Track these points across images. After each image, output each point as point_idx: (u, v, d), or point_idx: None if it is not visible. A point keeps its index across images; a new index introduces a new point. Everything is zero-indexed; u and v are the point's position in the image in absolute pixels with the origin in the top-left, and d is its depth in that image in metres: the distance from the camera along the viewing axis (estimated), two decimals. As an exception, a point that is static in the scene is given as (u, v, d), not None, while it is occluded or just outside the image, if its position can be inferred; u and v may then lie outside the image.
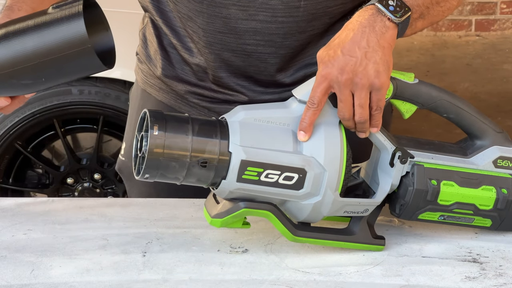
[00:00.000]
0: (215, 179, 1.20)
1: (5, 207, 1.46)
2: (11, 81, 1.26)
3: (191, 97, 1.56)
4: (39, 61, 1.24)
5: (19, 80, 1.26)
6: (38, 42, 1.23)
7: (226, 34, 1.46)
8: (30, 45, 1.23)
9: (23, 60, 1.24)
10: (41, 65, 1.24)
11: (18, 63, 1.24)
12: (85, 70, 1.28)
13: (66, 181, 3.18)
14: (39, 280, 1.20)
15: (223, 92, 1.54)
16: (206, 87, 1.54)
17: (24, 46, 1.24)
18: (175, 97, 1.59)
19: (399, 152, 1.26)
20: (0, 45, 1.25)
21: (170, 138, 1.18)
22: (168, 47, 1.56)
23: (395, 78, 1.27)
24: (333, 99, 1.23)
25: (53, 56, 1.24)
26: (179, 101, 1.58)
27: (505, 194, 1.29)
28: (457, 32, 6.11)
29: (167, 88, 1.59)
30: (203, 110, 1.56)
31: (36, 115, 3.02)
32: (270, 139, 1.21)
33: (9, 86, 1.27)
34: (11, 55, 1.24)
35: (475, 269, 1.24)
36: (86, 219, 1.40)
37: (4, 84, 1.27)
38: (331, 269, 1.24)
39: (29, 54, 1.24)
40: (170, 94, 1.59)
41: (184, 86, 1.56)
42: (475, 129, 1.32)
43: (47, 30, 1.23)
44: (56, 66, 1.25)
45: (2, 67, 1.25)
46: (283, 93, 1.52)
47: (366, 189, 1.31)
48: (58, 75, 1.28)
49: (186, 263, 1.25)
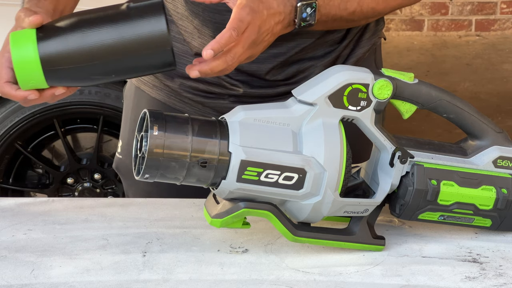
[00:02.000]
0: (215, 179, 1.21)
1: (5, 207, 1.46)
2: (79, 74, 1.24)
3: (185, 92, 1.57)
4: (115, 58, 1.22)
5: (88, 74, 1.24)
6: (117, 38, 1.21)
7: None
8: (108, 40, 1.21)
9: (98, 55, 1.22)
10: (116, 62, 1.23)
11: (92, 57, 1.22)
12: (156, 69, 1.28)
13: (66, 181, 3.18)
14: (39, 280, 1.21)
15: (218, 84, 1.54)
16: (201, 80, 1.54)
17: (102, 40, 1.21)
18: (168, 94, 1.59)
19: (399, 152, 1.26)
20: (74, 36, 1.22)
21: (170, 138, 1.18)
22: None
23: (395, 78, 1.27)
24: (334, 99, 1.23)
25: (131, 54, 1.22)
26: (173, 97, 1.59)
27: (505, 194, 1.30)
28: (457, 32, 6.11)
29: (161, 85, 1.59)
30: (197, 105, 1.57)
31: (36, 115, 3.02)
32: (270, 139, 1.21)
33: (76, 78, 1.25)
34: (85, 49, 1.21)
35: (475, 269, 1.24)
36: (86, 219, 1.40)
37: (72, 76, 1.24)
38: (331, 269, 1.24)
39: (106, 50, 1.22)
40: (164, 91, 1.59)
41: (179, 80, 1.56)
42: (475, 129, 1.32)
43: (127, 26, 1.21)
44: (132, 64, 1.24)
45: (73, 59, 1.22)
46: (278, 88, 1.53)
47: (366, 189, 1.31)
48: (130, 72, 1.27)
49: (186, 263, 1.25)
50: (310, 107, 1.23)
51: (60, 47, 1.21)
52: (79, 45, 1.21)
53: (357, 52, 1.58)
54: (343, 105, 1.24)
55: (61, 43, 1.21)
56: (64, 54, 1.22)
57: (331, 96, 1.23)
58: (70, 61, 1.22)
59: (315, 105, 1.23)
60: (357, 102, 1.24)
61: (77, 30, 1.22)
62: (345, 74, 1.24)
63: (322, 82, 1.24)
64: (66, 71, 1.23)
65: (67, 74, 1.24)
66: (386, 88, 1.25)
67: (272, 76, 1.53)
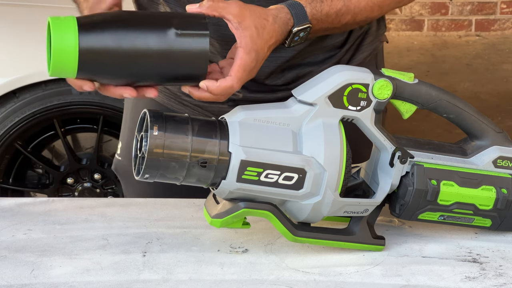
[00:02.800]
0: (215, 179, 1.21)
1: (5, 207, 1.46)
2: (111, 73, 1.23)
3: (184, 95, 1.56)
4: (153, 64, 1.22)
5: (120, 75, 1.23)
6: (161, 46, 1.21)
7: (217, 39, 1.47)
8: (152, 46, 1.21)
9: (137, 58, 1.21)
10: (152, 68, 1.23)
11: (130, 59, 1.21)
12: (185, 81, 1.27)
13: (66, 181, 3.18)
14: (39, 280, 1.21)
15: None
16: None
17: (146, 44, 1.21)
18: (168, 96, 1.59)
19: (399, 152, 1.26)
20: (118, 34, 1.21)
21: (170, 138, 1.18)
22: None
23: (394, 78, 1.27)
24: (334, 99, 1.23)
25: (171, 63, 1.22)
26: (172, 100, 1.58)
27: (505, 194, 1.30)
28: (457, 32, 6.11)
29: (160, 87, 1.59)
30: (196, 108, 1.57)
31: (36, 115, 3.02)
32: (270, 139, 1.21)
33: (107, 77, 1.24)
34: (126, 50, 1.20)
35: (475, 269, 1.25)
36: (86, 219, 1.40)
37: (104, 74, 1.23)
38: (331, 269, 1.24)
39: (146, 55, 1.21)
40: (163, 93, 1.59)
41: None
42: (475, 129, 1.32)
43: (173, 37, 1.22)
44: (167, 74, 1.25)
45: (111, 58, 1.20)
46: (277, 93, 1.53)
47: (366, 189, 1.31)
48: (160, 80, 1.26)
49: (186, 263, 1.25)
50: (310, 107, 1.23)
51: (102, 42, 1.20)
52: (121, 45, 1.20)
53: (357, 57, 1.57)
54: (343, 105, 1.24)
55: (103, 39, 1.20)
56: (105, 50, 1.20)
57: (331, 96, 1.23)
58: (108, 58, 1.21)
59: (315, 105, 1.23)
60: (357, 102, 1.24)
61: (122, 29, 1.21)
62: (345, 74, 1.24)
63: (322, 82, 1.24)
64: (101, 67, 1.22)
65: (101, 71, 1.23)
66: (386, 88, 1.25)
67: (272, 81, 1.52)
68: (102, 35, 1.20)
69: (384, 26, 1.64)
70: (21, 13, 3.17)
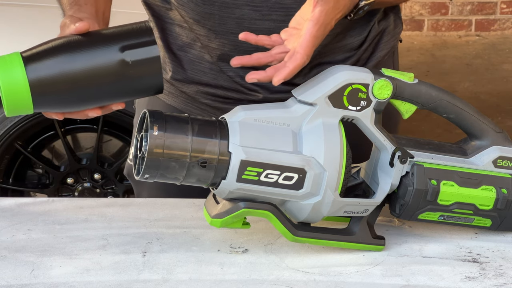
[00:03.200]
0: (215, 179, 1.21)
1: (5, 207, 1.46)
2: (67, 100, 1.21)
3: (202, 98, 1.55)
4: (107, 82, 1.20)
5: (77, 99, 1.21)
6: (109, 62, 1.20)
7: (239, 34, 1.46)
8: (101, 64, 1.19)
9: (89, 79, 1.19)
10: (107, 86, 1.21)
11: (81, 81, 1.19)
12: (144, 94, 1.27)
13: (66, 181, 3.18)
14: (39, 280, 1.21)
15: (237, 90, 1.53)
16: (218, 85, 1.53)
17: (95, 63, 1.19)
18: (185, 100, 1.57)
19: (398, 152, 1.26)
20: (64, 59, 1.19)
21: (170, 138, 1.18)
22: (177, 50, 1.55)
23: (394, 78, 1.27)
24: (333, 99, 1.23)
25: (124, 78, 1.21)
26: (190, 104, 1.57)
27: (505, 194, 1.30)
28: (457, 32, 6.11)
29: (176, 91, 1.58)
30: (215, 111, 1.55)
31: (36, 115, 3.02)
32: (270, 139, 1.21)
33: (63, 104, 1.22)
34: (77, 72, 1.18)
35: (475, 269, 1.25)
36: (86, 219, 1.40)
37: (60, 101, 1.21)
38: (331, 269, 1.24)
39: (99, 74, 1.19)
40: (180, 98, 1.58)
41: (196, 86, 1.55)
42: (475, 129, 1.32)
43: (120, 51, 1.20)
44: (124, 89, 1.23)
45: (63, 83, 1.18)
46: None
47: (366, 189, 1.31)
48: (120, 97, 1.24)
49: (186, 263, 1.25)
50: (310, 107, 1.23)
51: (49, 70, 1.18)
52: (69, 69, 1.18)
53: (376, 55, 1.57)
54: (343, 105, 1.24)
55: (50, 66, 1.18)
56: (54, 77, 1.18)
57: (331, 96, 1.23)
58: (60, 85, 1.18)
59: (315, 105, 1.23)
60: (357, 102, 1.24)
61: (67, 53, 1.19)
62: (345, 74, 1.24)
63: (322, 82, 1.24)
64: (55, 96, 1.19)
65: (56, 100, 1.20)
66: (386, 88, 1.25)
67: (299, 80, 1.51)
68: (48, 63, 1.18)
69: (401, 24, 1.64)
70: (21, 13, 3.17)
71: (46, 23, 3.31)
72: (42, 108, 1.21)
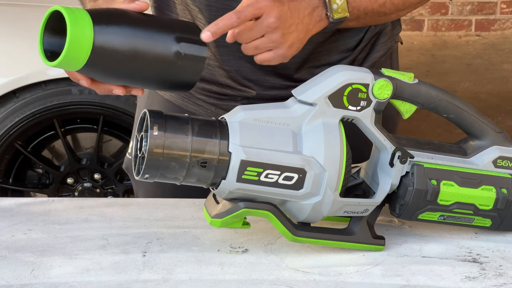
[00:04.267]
0: (215, 179, 1.21)
1: (5, 207, 1.46)
2: (115, 71, 1.24)
3: (197, 94, 1.56)
4: (157, 67, 1.24)
5: (123, 75, 1.25)
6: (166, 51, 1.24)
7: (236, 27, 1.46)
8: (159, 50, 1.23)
9: (145, 60, 1.23)
10: (151, 78, 1.26)
11: (137, 59, 1.22)
12: (181, 88, 1.31)
13: (66, 181, 3.18)
14: (39, 280, 1.21)
15: (231, 86, 1.53)
16: (214, 81, 1.54)
17: (155, 47, 1.23)
18: (181, 96, 1.59)
19: (398, 152, 1.26)
20: (132, 34, 1.22)
21: (170, 138, 1.18)
22: None
23: (394, 78, 1.27)
24: (333, 99, 1.23)
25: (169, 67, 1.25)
26: (186, 100, 1.58)
27: (505, 194, 1.30)
28: (457, 32, 6.11)
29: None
30: (210, 107, 1.56)
31: (36, 115, 3.02)
32: (270, 139, 1.21)
33: (109, 75, 1.24)
34: (136, 50, 1.22)
35: (475, 269, 1.25)
36: (86, 219, 1.40)
37: (108, 71, 1.24)
38: (331, 269, 1.24)
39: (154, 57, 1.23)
40: (177, 94, 1.59)
41: None
42: (475, 129, 1.32)
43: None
44: (158, 85, 1.30)
45: (121, 56, 1.21)
46: (290, 88, 1.52)
47: (366, 189, 1.31)
48: (150, 87, 1.32)
49: (186, 263, 1.25)
50: (310, 107, 1.23)
51: (114, 40, 1.20)
52: (133, 44, 1.21)
53: (372, 56, 1.57)
54: (343, 105, 1.24)
55: (116, 36, 1.20)
56: (117, 47, 1.20)
57: (331, 96, 1.23)
58: (119, 55, 1.21)
59: (315, 105, 1.23)
60: (357, 102, 1.24)
61: (135, 28, 1.22)
62: (345, 74, 1.24)
63: (322, 82, 1.24)
64: (108, 66, 1.22)
65: (107, 70, 1.23)
66: (386, 88, 1.25)
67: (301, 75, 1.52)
68: (115, 32, 1.21)
69: (399, 26, 1.64)
70: (21, 13, 3.17)
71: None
72: (89, 71, 1.24)
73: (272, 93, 1.52)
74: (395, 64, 1.67)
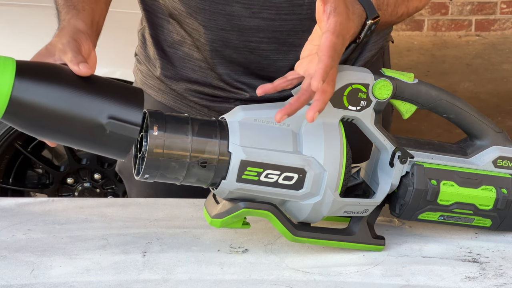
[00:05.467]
0: (215, 179, 1.21)
1: (5, 207, 1.46)
2: (36, 127, 1.17)
3: (191, 96, 1.56)
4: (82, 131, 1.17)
5: (44, 132, 1.18)
6: (94, 116, 1.16)
7: (229, 31, 1.46)
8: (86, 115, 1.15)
9: (66, 122, 1.16)
10: (79, 134, 1.18)
11: (58, 121, 1.15)
12: (107, 154, 1.22)
13: (66, 181, 3.18)
14: (39, 280, 1.21)
15: (224, 89, 1.53)
16: (207, 83, 1.54)
17: (80, 111, 1.15)
18: (174, 97, 1.59)
19: (398, 152, 1.26)
20: (55, 94, 1.15)
21: (170, 138, 1.18)
22: (167, 47, 1.56)
23: (394, 78, 1.27)
24: (333, 99, 1.23)
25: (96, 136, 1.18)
26: (178, 101, 1.58)
27: (505, 194, 1.30)
28: (457, 32, 6.11)
29: (166, 89, 1.59)
30: (203, 109, 1.56)
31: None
32: (270, 139, 1.21)
33: (29, 129, 1.18)
34: (59, 111, 1.15)
35: (475, 269, 1.25)
36: (86, 219, 1.40)
37: (27, 125, 1.17)
38: (331, 269, 1.24)
39: (78, 120, 1.16)
40: (169, 95, 1.59)
41: (184, 84, 1.56)
42: (475, 129, 1.32)
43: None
44: (92, 142, 1.20)
45: (41, 114, 1.15)
46: (284, 91, 1.53)
47: (366, 189, 1.31)
48: (85, 147, 1.21)
49: (186, 263, 1.25)
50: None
51: (34, 98, 1.14)
52: (54, 107, 1.15)
53: (365, 56, 1.57)
54: (343, 105, 1.24)
55: (37, 94, 1.14)
56: (35, 106, 1.14)
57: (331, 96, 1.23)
58: (37, 114, 1.15)
59: (315, 105, 1.23)
60: (357, 102, 1.24)
61: (60, 92, 1.15)
62: (345, 74, 1.24)
63: (322, 82, 1.24)
64: (26, 119, 1.16)
65: (24, 122, 1.17)
66: (386, 88, 1.25)
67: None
68: (36, 90, 1.14)
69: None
70: (21, 13, 3.17)
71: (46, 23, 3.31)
72: (7, 121, 1.17)
73: (265, 95, 1.52)
74: (386, 63, 1.67)
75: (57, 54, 1.25)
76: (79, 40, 1.27)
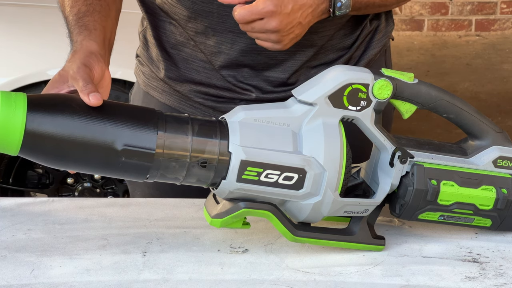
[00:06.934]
0: (215, 179, 1.21)
1: (5, 207, 1.46)
2: (53, 159, 1.18)
3: (195, 97, 1.56)
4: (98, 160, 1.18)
5: (60, 163, 1.19)
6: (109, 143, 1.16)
7: (237, 33, 1.46)
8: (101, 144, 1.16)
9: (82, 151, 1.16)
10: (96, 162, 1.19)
11: (75, 150, 1.16)
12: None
13: (66, 181, 3.18)
14: (39, 280, 1.21)
15: (229, 89, 1.53)
16: (211, 84, 1.54)
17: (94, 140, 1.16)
18: (178, 99, 1.58)
19: (399, 152, 1.26)
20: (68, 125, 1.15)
21: (170, 138, 1.18)
22: (170, 48, 1.56)
23: (394, 78, 1.27)
24: (333, 99, 1.23)
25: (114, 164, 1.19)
26: (183, 103, 1.58)
27: (505, 194, 1.30)
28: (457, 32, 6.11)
29: (170, 90, 1.58)
30: (208, 110, 1.56)
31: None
32: (270, 139, 1.21)
33: (47, 161, 1.18)
34: (74, 141, 1.15)
35: (475, 269, 1.25)
36: (86, 219, 1.40)
37: (45, 158, 1.18)
38: (331, 269, 1.24)
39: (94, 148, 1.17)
40: (173, 96, 1.58)
41: (188, 85, 1.56)
42: (475, 129, 1.32)
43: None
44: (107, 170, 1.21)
45: (57, 145, 1.15)
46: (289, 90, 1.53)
47: (366, 189, 1.31)
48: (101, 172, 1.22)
49: (186, 263, 1.25)
50: (310, 107, 1.23)
51: (48, 129, 1.15)
52: (67, 139, 1.15)
53: (368, 54, 1.58)
54: (343, 105, 1.24)
55: (50, 126, 1.15)
56: (49, 137, 1.15)
57: (331, 96, 1.23)
58: (52, 146, 1.16)
59: (315, 105, 1.23)
60: (357, 102, 1.24)
61: (72, 123, 1.16)
62: (345, 74, 1.24)
63: (322, 82, 1.24)
64: (43, 151, 1.17)
65: (41, 154, 1.17)
66: (386, 88, 1.25)
67: (293, 80, 1.53)
68: (50, 122, 1.15)
69: (392, 23, 1.64)
70: (21, 13, 3.17)
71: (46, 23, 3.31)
72: (25, 155, 1.18)
73: (271, 96, 1.53)
74: (388, 61, 1.68)
75: (70, 80, 1.25)
76: (90, 64, 1.27)
